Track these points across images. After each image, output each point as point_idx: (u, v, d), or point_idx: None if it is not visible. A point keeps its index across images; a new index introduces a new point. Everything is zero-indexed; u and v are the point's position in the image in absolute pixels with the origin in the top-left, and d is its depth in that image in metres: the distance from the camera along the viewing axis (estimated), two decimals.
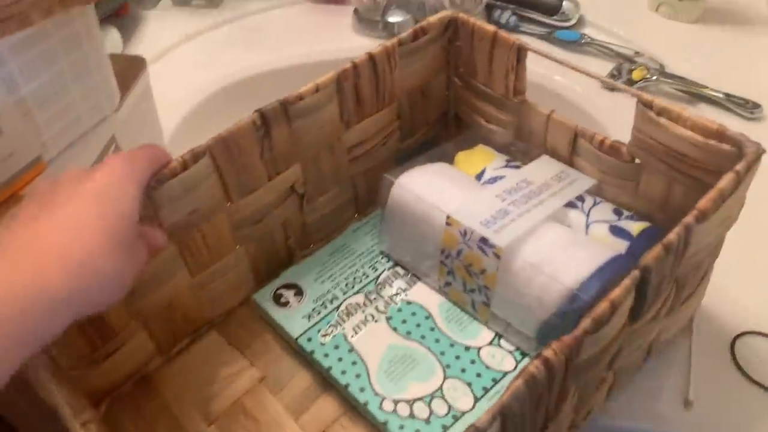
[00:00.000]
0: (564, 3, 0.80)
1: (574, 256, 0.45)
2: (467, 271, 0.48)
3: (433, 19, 0.56)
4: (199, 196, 0.47)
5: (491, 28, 0.54)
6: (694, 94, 0.69)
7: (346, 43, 0.84)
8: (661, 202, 0.49)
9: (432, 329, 0.49)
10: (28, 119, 0.49)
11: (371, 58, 0.53)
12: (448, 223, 0.48)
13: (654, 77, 0.70)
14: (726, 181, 0.38)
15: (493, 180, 0.53)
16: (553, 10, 0.80)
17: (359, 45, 0.83)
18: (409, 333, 0.49)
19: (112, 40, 0.80)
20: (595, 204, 0.51)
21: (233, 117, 0.82)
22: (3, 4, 0.40)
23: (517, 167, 0.54)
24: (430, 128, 0.63)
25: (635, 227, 0.48)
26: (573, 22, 0.80)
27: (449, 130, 0.64)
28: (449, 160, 0.57)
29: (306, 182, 0.54)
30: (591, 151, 0.51)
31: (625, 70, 0.73)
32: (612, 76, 0.73)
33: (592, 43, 0.77)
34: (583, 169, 0.53)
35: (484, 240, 0.46)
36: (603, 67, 0.75)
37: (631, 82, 0.71)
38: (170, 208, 0.46)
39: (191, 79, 0.80)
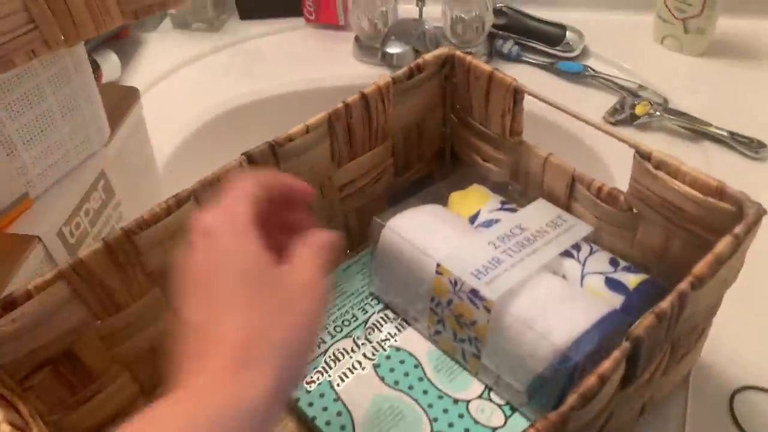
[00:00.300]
0: (567, 33, 0.78)
1: (566, 311, 0.43)
2: (457, 321, 0.47)
3: (429, 56, 0.55)
4: (183, 240, 0.46)
5: (487, 68, 0.52)
6: (698, 131, 0.67)
7: (347, 69, 0.83)
8: (658, 254, 0.47)
9: (420, 379, 0.48)
10: (13, 158, 0.48)
11: (364, 97, 0.51)
12: (438, 272, 0.47)
13: (657, 113, 0.69)
14: (724, 244, 0.37)
15: (488, 223, 0.52)
16: (557, 41, 0.78)
17: (359, 72, 0.82)
18: (396, 383, 0.48)
19: (111, 64, 0.80)
20: (591, 253, 0.49)
21: (231, 144, 0.82)
22: None
23: (513, 210, 0.53)
24: (425, 164, 0.62)
25: (632, 280, 0.47)
26: (576, 53, 0.78)
27: (445, 166, 0.63)
28: (443, 200, 0.56)
29: None
30: (588, 198, 0.50)
31: (628, 105, 0.71)
32: (615, 110, 0.72)
33: (595, 76, 0.75)
34: (580, 214, 0.51)
35: (474, 292, 0.44)
36: (606, 100, 0.74)
37: (633, 117, 0.70)
38: (153, 253, 0.45)
39: (189, 104, 0.80)
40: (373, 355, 0.50)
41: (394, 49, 0.72)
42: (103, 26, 0.43)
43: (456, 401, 0.46)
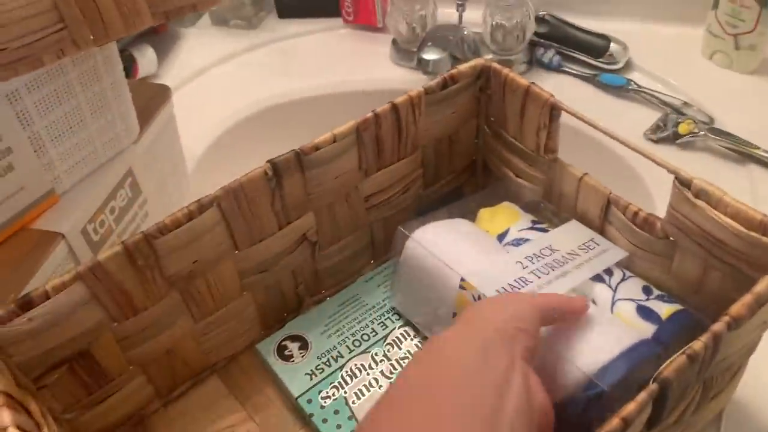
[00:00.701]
0: (612, 45, 0.76)
1: (595, 338, 0.41)
2: None
3: (464, 67, 0.53)
4: (204, 246, 0.45)
5: (524, 81, 0.51)
6: (744, 153, 0.64)
7: (383, 73, 0.81)
8: (695, 285, 0.45)
9: None
10: (41, 154, 0.48)
11: (394, 107, 0.50)
12: (461, 287, 0.46)
13: (701, 132, 0.66)
14: (765, 285, 0.34)
15: (517, 242, 0.50)
16: (600, 52, 0.76)
17: (395, 76, 0.81)
18: None
19: (148, 58, 0.80)
20: (623, 279, 0.47)
21: (263, 144, 0.81)
22: (12, 46, 0.39)
23: (544, 230, 0.51)
24: (455, 177, 0.60)
25: (665, 309, 0.45)
26: (620, 65, 0.76)
27: (476, 179, 0.61)
28: (472, 215, 0.54)
29: (319, 231, 0.52)
30: (624, 222, 0.48)
31: (672, 122, 0.68)
32: (657, 127, 0.69)
33: (638, 91, 0.73)
34: (614, 238, 0.49)
35: None
36: (648, 116, 0.71)
37: (676, 136, 0.67)
38: (172, 258, 0.44)
39: (223, 102, 0.80)
40: (391, 373, 0.49)
41: (430, 55, 0.70)
42: (133, 27, 0.43)
43: None
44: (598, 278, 0.47)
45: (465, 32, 0.76)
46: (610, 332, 0.42)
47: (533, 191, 0.55)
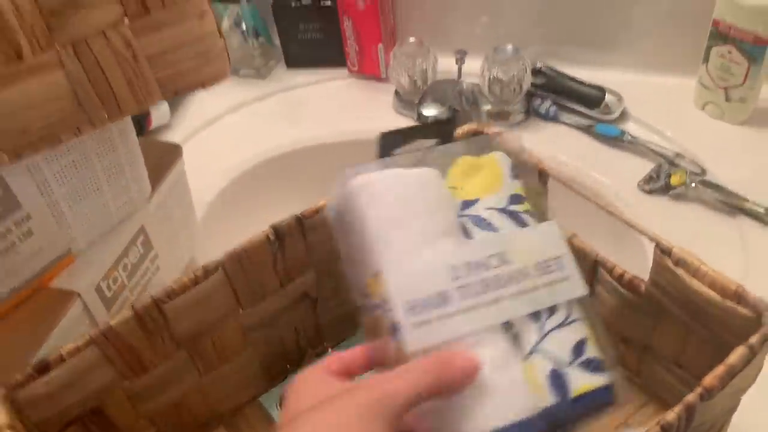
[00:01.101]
0: (607, 96, 0.78)
1: (479, 400, 0.36)
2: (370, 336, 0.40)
3: (459, 131, 0.56)
4: (210, 307, 0.48)
5: (516, 143, 0.53)
6: (734, 205, 0.66)
7: (386, 122, 0.84)
8: (677, 347, 0.47)
9: None
10: (58, 218, 0.51)
11: None
12: (374, 276, 0.39)
13: (693, 184, 0.68)
14: (737, 356, 0.36)
15: (478, 222, 0.42)
16: (595, 103, 0.78)
17: (398, 124, 0.83)
18: None
19: (161, 110, 0.84)
20: (563, 323, 0.39)
21: (272, 191, 0.84)
22: (34, 126, 0.42)
23: (517, 216, 0.43)
24: None
25: (581, 385, 0.38)
26: (615, 116, 0.78)
27: None
28: (446, 165, 0.45)
29: (320, 287, 0.55)
30: (610, 283, 0.50)
31: (664, 173, 0.70)
32: (650, 178, 0.71)
33: (633, 141, 0.75)
34: (601, 297, 0.51)
35: (395, 327, 0.36)
36: (643, 166, 0.73)
37: (669, 187, 0.69)
38: (180, 320, 0.47)
39: (233, 151, 0.83)
40: None
41: (429, 111, 0.73)
42: (144, 104, 0.46)
43: None
44: (534, 314, 0.39)
45: (464, 85, 0.79)
46: (501, 397, 0.36)
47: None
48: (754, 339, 0.37)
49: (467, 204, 0.43)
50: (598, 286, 0.51)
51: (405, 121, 0.84)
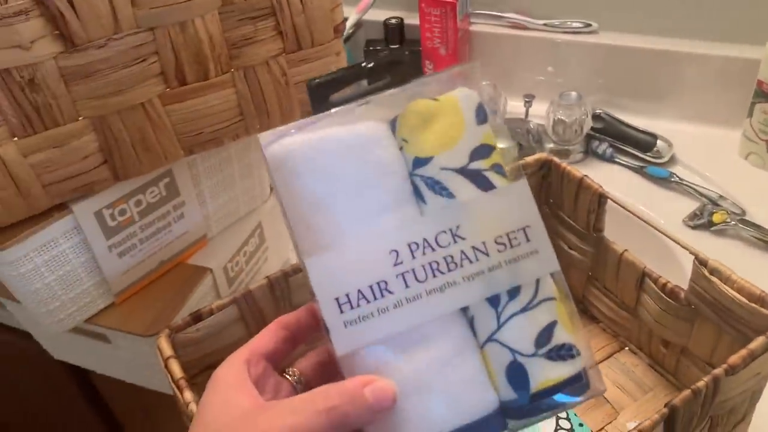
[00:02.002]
0: (658, 142, 0.88)
1: (427, 402, 0.33)
2: None
3: (530, 159, 0.66)
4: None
5: (578, 174, 0.63)
6: None
7: None
8: (711, 345, 0.56)
9: None
10: (203, 207, 0.63)
11: None
12: (303, 267, 0.34)
13: (733, 222, 0.77)
14: (758, 343, 0.45)
15: (432, 186, 0.35)
16: (648, 147, 0.88)
17: None
18: None
19: None
20: (528, 307, 0.34)
21: None
22: (206, 131, 0.55)
23: (480, 176, 0.36)
24: None
25: (542, 380, 0.34)
26: (665, 159, 0.88)
27: None
28: (398, 110, 0.37)
29: None
30: (654, 291, 0.59)
31: (707, 212, 0.80)
32: (695, 215, 0.80)
33: (680, 182, 0.84)
34: (646, 305, 0.60)
35: (325, 325, 0.33)
36: (688, 205, 0.82)
37: (711, 224, 0.78)
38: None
39: None
40: None
41: (500, 144, 0.84)
42: (287, 119, 0.58)
43: None
44: (493, 298, 0.34)
45: (530, 124, 0.90)
46: (453, 396, 0.33)
47: (582, 262, 0.67)
48: None
49: (419, 162, 0.36)
50: (644, 295, 0.61)
51: None
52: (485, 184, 0.36)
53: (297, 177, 0.34)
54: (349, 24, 1.00)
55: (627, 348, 0.66)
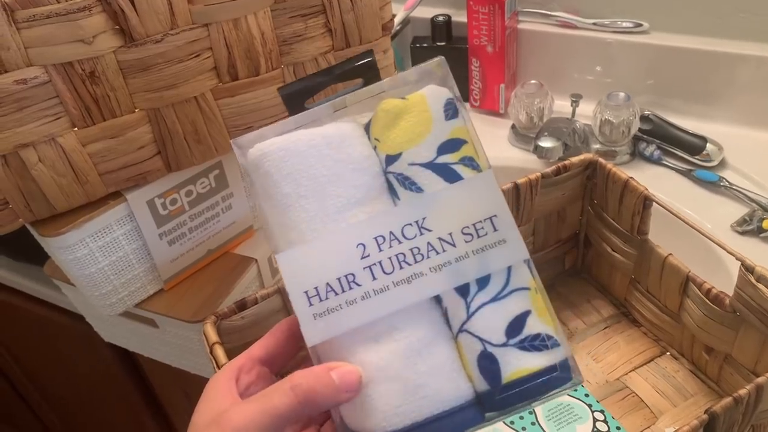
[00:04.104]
0: (708, 145, 0.86)
1: (396, 391, 0.33)
2: None
3: (575, 159, 0.66)
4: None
5: (624, 175, 0.63)
6: None
7: (503, 152, 0.95)
8: (755, 354, 0.55)
9: (533, 424, 0.58)
10: (249, 199, 0.65)
11: (516, 186, 0.64)
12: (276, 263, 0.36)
13: None
14: None
15: (403, 181, 0.37)
16: (697, 150, 0.86)
17: (513, 156, 0.94)
18: (512, 422, 0.58)
19: None
20: (497, 297, 0.34)
21: None
22: (255, 125, 0.56)
23: (448, 170, 0.36)
24: (561, 245, 0.72)
25: (513, 370, 0.34)
26: (714, 163, 0.86)
27: (578, 249, 0.73)
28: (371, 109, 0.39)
29: None
30: (698, 296, 0.58)
31: (757, 218, 0.78)
32: (744, 221, 0.78)
33: (729, 187, 0.83)
34: (690, 310, 0.60)
35: (298, 318, 0.35)
36: (737, 210, 0.81)
37: (760, 230, 0.77)
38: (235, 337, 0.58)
39: None
40: None
41: (546, 143, 0.84)
42: None
43: None
44: (462, 288, 0.35)
45: (577, 124, 0.89)
46: (424, 388, 0.33)
47: (625, 265, 0.66)
48: None
49: (390, 159, 0.37)
50: (688, 300, 0.60)
51: (519, 153, 0.94)
52: (453, 177, 0.36)
53: (270, 178, 0.36)
54: (396, 21, 1.01)
55: (668, 353, 0.65)
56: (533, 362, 0.34)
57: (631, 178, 0.63)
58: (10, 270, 0.97)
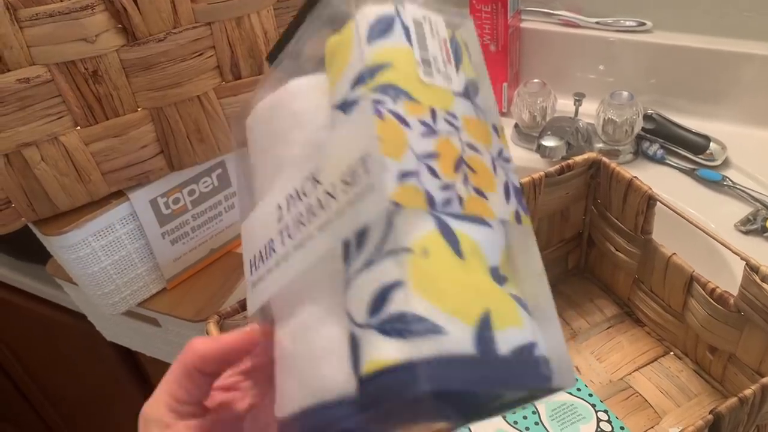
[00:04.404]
0: (711, 144, 0.86)
1: (288, 373, 0.29)
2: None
3: (579, 158, 0.66)
4: None
5: (628, 174, 0.63)
6: None
7: None
8: (759, 354, 0.54)
9: (536, 423, 0.58)
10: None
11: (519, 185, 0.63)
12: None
13: None
14: None
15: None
16: (700, 150, 0.86)
17: (516, 155, 0.94)
18: (516, 422, 0.58)
19: None
20: (368, 263, 0.26)
21: None
22: None
23: (350, 110, 0.29)
24: (564, 244, 0.72)
25: (370, 359, 0.25)
26: (718, 163, 0.85)
27: (581, 248, 0.73)
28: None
29: None
30: (702, 296, 0.58)
31: (761, 217, 0.77)
32: (747, 220, 0.78)
33: (733, 186, 0.82)
34: (694, 310, 0.59)
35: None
36: (741, 209, 0.80)
37: (764, 229, 0.76)
38: None
39: None
40: None
41: (548, 142, 0.84)
42: None
43: None
44: (344, 251, 0.28)
45: (580, 123, 0.89)
46: (309, 366, 0.28)
47: (629, 264, 0.66)
48: None
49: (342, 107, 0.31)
50: (692, 300, 0.60)
51: (522, 152, 0.94)
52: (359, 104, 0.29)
53: (250, 149, 0.35)
54: None
55: (672, 353, 0.65)
56: (389, 352, 0.24)
57: (634, 177, 0.62)
58: (12, 269, 0.97)
